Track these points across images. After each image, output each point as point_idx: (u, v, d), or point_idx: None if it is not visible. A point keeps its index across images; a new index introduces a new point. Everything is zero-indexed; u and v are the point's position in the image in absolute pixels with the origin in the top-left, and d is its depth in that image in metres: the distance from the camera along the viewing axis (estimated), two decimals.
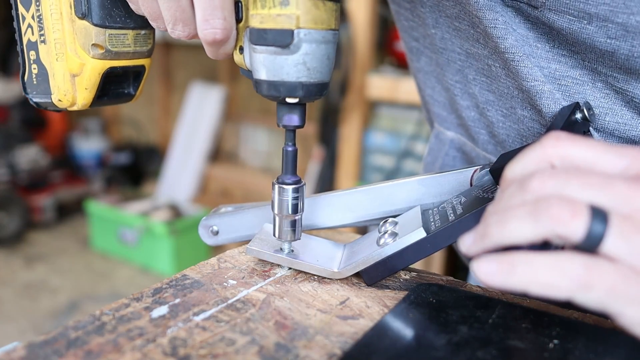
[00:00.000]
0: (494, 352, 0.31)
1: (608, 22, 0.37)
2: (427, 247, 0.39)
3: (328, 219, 0.47)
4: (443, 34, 0.49)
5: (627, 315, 0.26)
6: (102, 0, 0.42)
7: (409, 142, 1.83)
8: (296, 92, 0.37)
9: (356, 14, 1.85)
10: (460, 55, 0.48)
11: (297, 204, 0.41)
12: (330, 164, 2.02)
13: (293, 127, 0.40)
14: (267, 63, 0.37)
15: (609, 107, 0.41)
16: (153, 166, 3.33)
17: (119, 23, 0.44)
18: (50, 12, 0.43)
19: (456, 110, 0.52)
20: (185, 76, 3.23)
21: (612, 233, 0.26)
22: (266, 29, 0.36)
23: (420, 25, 0.51)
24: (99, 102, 0.46)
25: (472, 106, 0.50)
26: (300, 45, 0.36)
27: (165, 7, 0.38)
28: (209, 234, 0.49)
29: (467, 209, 0.38)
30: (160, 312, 0.36)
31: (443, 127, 0.56)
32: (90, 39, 0.43)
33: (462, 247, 0.30)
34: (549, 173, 0.28)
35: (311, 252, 0.44)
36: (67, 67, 0.44)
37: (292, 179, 0.41)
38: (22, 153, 2.94)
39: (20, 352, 0.30)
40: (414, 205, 0.44)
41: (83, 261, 2.70)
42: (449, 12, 0.46)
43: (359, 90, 1.86)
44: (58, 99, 0.45)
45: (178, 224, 2.54)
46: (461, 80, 0.50)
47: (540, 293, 0.27)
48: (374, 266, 0.41)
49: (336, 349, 0.33)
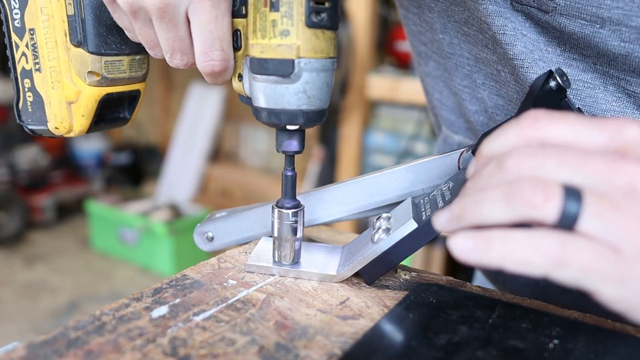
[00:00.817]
0: (494, 352, 0.31)
1: (622, 25, 0.36)
2: (420, 237, 0.39)
3: (320, 214, 0.47)
4: (451, 39, 0.48)
5: (604, 292, 0.26)
6: (98, 28, 0.42)
7: (409, 142, 1.83)
8: (297, 119, 0.38)
9: (356, 14, 1.85)
10: (469, 60, 0.48)
11: (297, 227, 0.42)
12: (330, 164, 2.02)
13: (293, 153, 0.41)
14: (267, 92, 0.38)
15: (620, 110, 0.41)
16: (153, 166, 3.32)
17: (114, 50, 0.44)
18: (45, 41, 0.43)
19: (464, 115, 0.52)
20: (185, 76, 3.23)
21: (587, 212, 0.26)
22: (267, 59, 0.37)
23: (428, 30, 0.51)
24: (96, 127, 0.46)
25: (480, 111, 0.50)
26: (300, 75, 0.37)
27: (164, 37, 0.39)
28: (204, 241, 0.49)
29: (455, 194, 0.38)
30: (160, 312, 0.36)
31: (451, 131, 0.55)
32: (86, 66, 0.43)
33: (436, 225, 0.30)
34: (526, 152, 0.28)
35: (309, 258, 0.44)
36: (64, 95, 0.44)
37: (292, 203, 0.42)
38: (22, 153, 2.94)
39: (20, 352, 0.30)
40: (405, 193, 0.45)
41: (83, 261, 2.70)
42: (457, 17, 0.46)
43: (359, 90, 1.86)
44: (55, 126, 0.45)
45: (178, 224, 2.54)
46: (469, 85, 0.49)
47: (515, 269, 0.27)
48: (371, 264, 0.41)
49: (336, 349, 0.33)
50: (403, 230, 0.39)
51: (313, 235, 0.52)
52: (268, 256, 0.44)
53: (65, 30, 0.43)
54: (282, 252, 0.43)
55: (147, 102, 3.44)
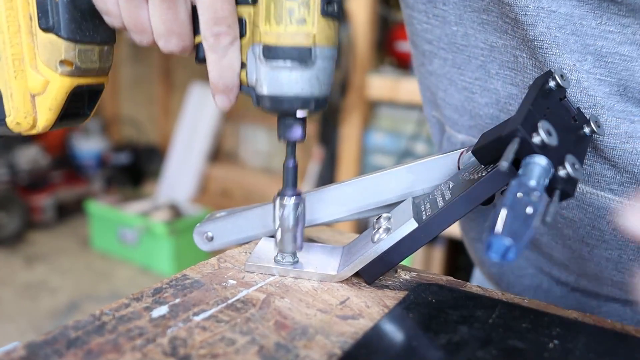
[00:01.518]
0: (494, 352, 0.31)
1: None
2: (420, 237, 0.39)
3: (320, 214, 0.47)
4: (466, 29, 0.48)
5: None
6: (73, 12, 0.38)
7: (409, 142, 1.83)
8: (309, 105, 0.39)
9: (356, 14, 1.85)
10: (484, 50, 0.47)
11: (298, 216, 0.42)
12: (330, 164, 2.02)
13: (298, 140, 0.41)
14: (281, 78, 0.38)
15: None
16: (153, 166, 3.32)
17: (87, 37, 0.40)
18: (7, 25, 0.38)
19: (470, 111, 0.52)
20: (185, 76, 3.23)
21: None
22: (284, 46, 0.37)
23: (438, 25, 0.51)
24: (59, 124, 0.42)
25: (491, 103, 0.49)
26: (315, 62, 0.38)
27: (162, 19, 0.37)
28: (203, 241, 0.49)
29: (455, 194, 0.38)
30: (160, 312, 0.36)
31: (454, 130, 0.55)
32: (59, 54, 0.39)
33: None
34: None
35: (310, 258, 0.44)
36: (27, 86, 0.40)
37: (293, 192, 0.42)
38: (22, 153, 2.94)
39: (20, 352, 0.30)
40: (405, 193, 0.45)
41: (83, 261, 2.70)
42: (476, 5, 0.46)
43: (359, 90, 1.86)
44: (16, 121, 0.40)
45: (178, 224, 2.54)
46: (482, 76, 0.49)
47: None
48: (372, 263, 0.41)
49: (336, 349, 0.33)
50: (403, 230, 0.39)
51: (313, 235, 0.52)
52: (268, 256, 0.44)
53: (30, 14, 0.38)
54: (285, 241, 0.42)
55: (147, 102, 3.44)
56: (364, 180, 0.46)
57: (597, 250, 0.46)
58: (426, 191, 0.44)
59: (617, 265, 0.46)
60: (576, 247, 0.47)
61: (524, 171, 0.33)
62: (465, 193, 0.37)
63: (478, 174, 0.38)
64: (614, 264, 0.46)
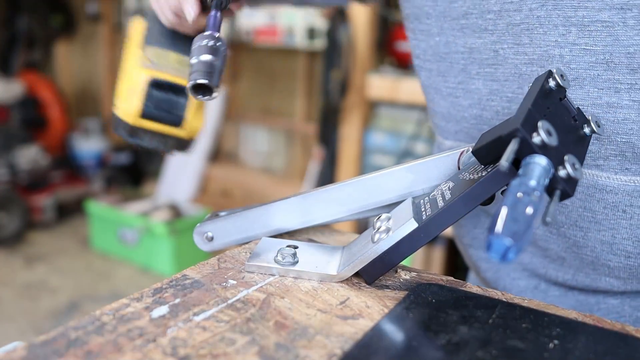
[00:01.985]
0: (494, 352, 0.31)
1: None
2: (420, 237, 0.39)
3: (320, 214, 0.47)
4: (447, 37, 0.50)
5: None
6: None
7: (409, 142, 1.83)
8: None
9: (356, 14, 1.85)
10: (464, 53, 0.50)
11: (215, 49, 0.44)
12: (330, 164, 2.02)
13: None
14: None
15: None
16: (153, 166, 3.32)
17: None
18: None
19: (455, 116, 0.53)
20: None
21: None
22: None
23: (423, 39, 0.53)
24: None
25: (474, 104, 0.51)
26: None
27: None
28: (204, 241, 0.49)
29: (455, 194, 0.38)
30: (160, 312, 0.36)
31: (442, 137, 0.57)
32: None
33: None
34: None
35: (310, 258, 0.44)
36: None
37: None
38: (22, 153, 2.94)
39: (20, 352, 0.30)
40: (405, 193, 0.45)
41: (83, 261, 2.70)
42: (455, 13, 0.48)
43: (359, 90, 1.86)
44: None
45: (178, 224, 2.54)
46: (464, 79, 0.51)
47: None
48: (372, 264, 0.41)
49: (336, 349, 0.33)
50: (403, 230, 0.39)
51: (313, 236, 0.52)
52: (268, 256, 0.44)
53: None
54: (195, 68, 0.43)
55: None
56: (364, 180, 0.46)
57: (591, 233, 0.47)
58: (426, 191, 0.44)
59: (612, 247, 0.47)
60: (571, 234, 0.48)
61: (524, 171, 0.33)
62: (465, 193, 0.37)
63: (478, 174, 0.38)
64: (609, 246, 0.47)
